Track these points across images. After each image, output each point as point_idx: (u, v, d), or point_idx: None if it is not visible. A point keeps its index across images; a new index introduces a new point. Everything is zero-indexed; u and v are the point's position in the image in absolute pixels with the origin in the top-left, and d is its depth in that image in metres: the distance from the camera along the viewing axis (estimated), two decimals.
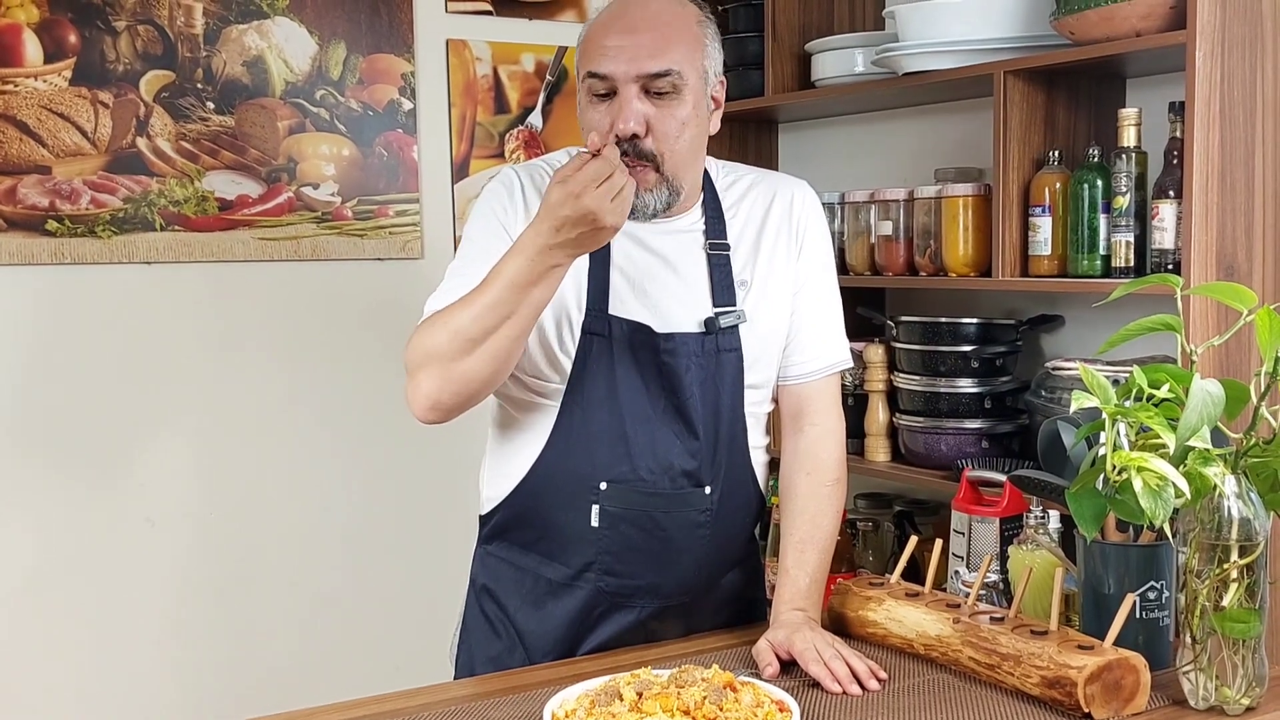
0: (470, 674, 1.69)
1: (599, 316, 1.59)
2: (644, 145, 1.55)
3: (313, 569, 2.74)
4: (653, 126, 1.55)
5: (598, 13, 1.61)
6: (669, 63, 1.53)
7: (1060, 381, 2.17)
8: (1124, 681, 1.36)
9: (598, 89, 1.55)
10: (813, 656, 1.48)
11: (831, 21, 2.80)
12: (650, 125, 1.54)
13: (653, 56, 1.53)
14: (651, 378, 1.61)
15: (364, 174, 2.72)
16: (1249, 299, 1.36)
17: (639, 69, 1.52)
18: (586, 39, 1.58)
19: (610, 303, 1.60)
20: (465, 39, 2.81)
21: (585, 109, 1.58)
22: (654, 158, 1.56)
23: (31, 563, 2.48)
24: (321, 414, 2.73)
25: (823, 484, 1.68)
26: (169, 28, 2.52)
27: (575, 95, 1.65)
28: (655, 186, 1.57)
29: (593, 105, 1.56)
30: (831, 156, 2.96)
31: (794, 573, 1.63)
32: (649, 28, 1.54)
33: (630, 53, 1.52)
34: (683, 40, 1.55)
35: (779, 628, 1.56)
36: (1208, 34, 1.91)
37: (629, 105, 1.53)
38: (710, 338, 1.61)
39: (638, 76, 1.53)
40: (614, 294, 1.60)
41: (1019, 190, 2.25)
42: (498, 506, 1.70)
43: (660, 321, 1.61)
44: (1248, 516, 1.35)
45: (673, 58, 1.54)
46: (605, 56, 1.53)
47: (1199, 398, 1.30)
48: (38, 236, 2.43)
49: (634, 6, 1.57)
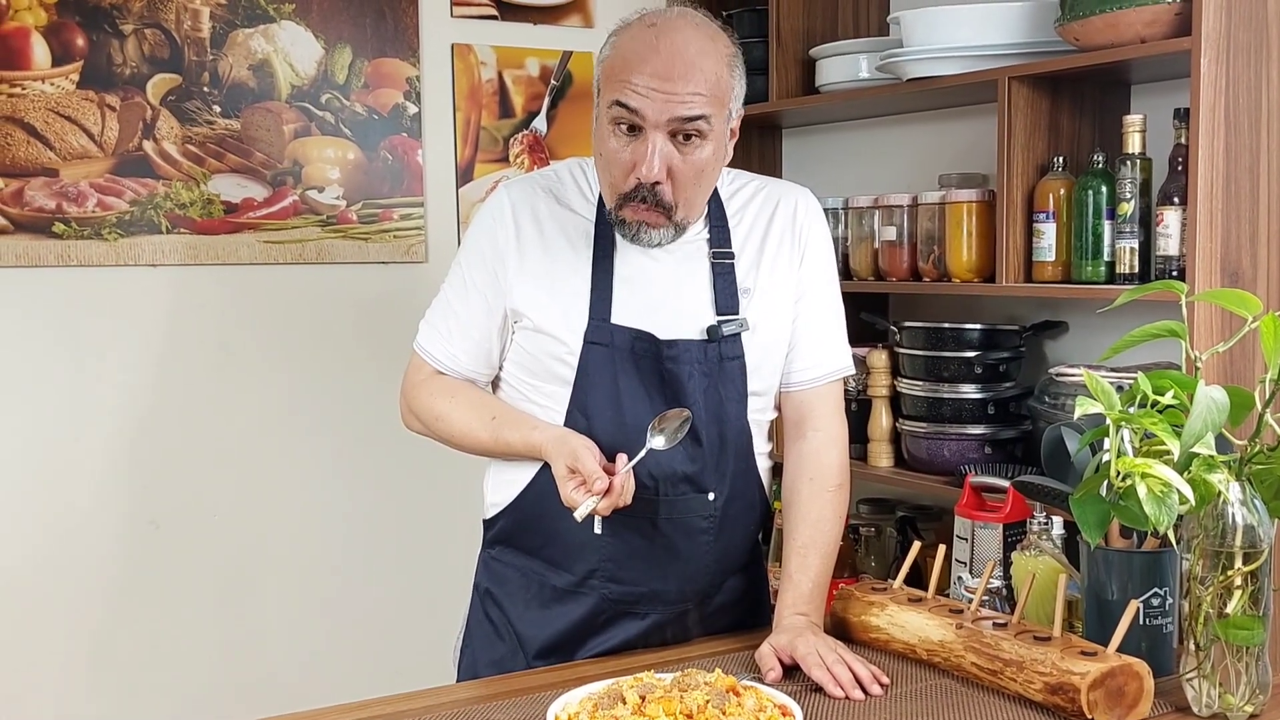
0: (473, 677, 1.69)
1: (602, 325, 1.60)
2: (662, 194, 1.54)
3: (316, 571, 2.74)
4: (673, 172, 1.53)
5: (624, 26, 1.56)
6: (700, 109, 1.51)
7: (1063, 387, 2.17)
8: (1127, 688, 1.36)
9: (621, 119, 1.52)
10: (815, 661, 1.48)
11: (836, 27, 2.80)
12: (671, 171, 1.53)
13: (686, 104, 1.50)
14: (654, 385, 1.61)
15: (369, 178, 2.72)
16: (1254, 305, 1.36)
17: (670, 114, 1.50)
18: (617, 65, 1.52)
19: (613, 311, 1.60)
20: (470, 43, 2.82)
21: (605, 135, 1.56)
22: (669, 207, 1.55)
23: (34, 563, 2.48)
24: (326, 416, 2.73)
25: (825, 489, 1.68)
26: (175, 31, 2.53)
27: (580, 101, 1.65)
28: (663, 227, 1.57)
29: (614, 134, 1.54)
30: (835, 162, 2.96)
31: (796, 577, 1.63)
32: (685, 73, 1.49)
33: (664, 98, 1.49)
34: (714, 84, 1.52)
35: (781, 632, 1.56)
36: (1213, 40, 1.91)
37: (655, 153, 1.51)
38: (713, 346, 1.62)
39: (669, 121, 1.50)
40: (617, 302, 1.61)
41: (1023, 196, 2.25)
42: (501, 512, 1.71)
43: (663, 329, 1.61)
44: (1252, 523, 1.35)
45: (704, 104, 1.51)
46: (637, 94, 1.49)
47: (1203, 404, 1.30)
48: (44, 239, 2.44)
49: (671, 41, 1.51)
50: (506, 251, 1.63)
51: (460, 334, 1.68)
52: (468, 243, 1.70)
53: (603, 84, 1.56)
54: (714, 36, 1.55)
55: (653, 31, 1.52)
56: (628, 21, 1.57)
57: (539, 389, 1.65)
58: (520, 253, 1.63)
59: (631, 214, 1.56)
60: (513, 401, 1.68)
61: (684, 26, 1.53)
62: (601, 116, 1.56)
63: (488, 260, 1.65)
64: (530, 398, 1.66)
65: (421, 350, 1.71)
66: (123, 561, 2.56)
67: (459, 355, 1.68)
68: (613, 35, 1.57)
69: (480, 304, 1.66)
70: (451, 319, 1.68)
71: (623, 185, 1.55)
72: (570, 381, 1.61)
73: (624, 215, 1.57)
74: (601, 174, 1.61)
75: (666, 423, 1.54)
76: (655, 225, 1.57)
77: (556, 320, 1.61)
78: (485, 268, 1.65)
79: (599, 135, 1.58)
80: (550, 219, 1.65)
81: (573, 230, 1.64)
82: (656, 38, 1.51)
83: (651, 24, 1.53)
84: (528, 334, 1.64)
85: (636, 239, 1.58)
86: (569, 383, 1.62)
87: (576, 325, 1.60)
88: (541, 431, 1.59)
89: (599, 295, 1.61)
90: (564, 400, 1.62)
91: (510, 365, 1.68)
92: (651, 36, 1.52)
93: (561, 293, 1.62)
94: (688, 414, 1.55)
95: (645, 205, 1.54)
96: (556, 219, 1.65)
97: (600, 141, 1.58)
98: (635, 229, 1.57)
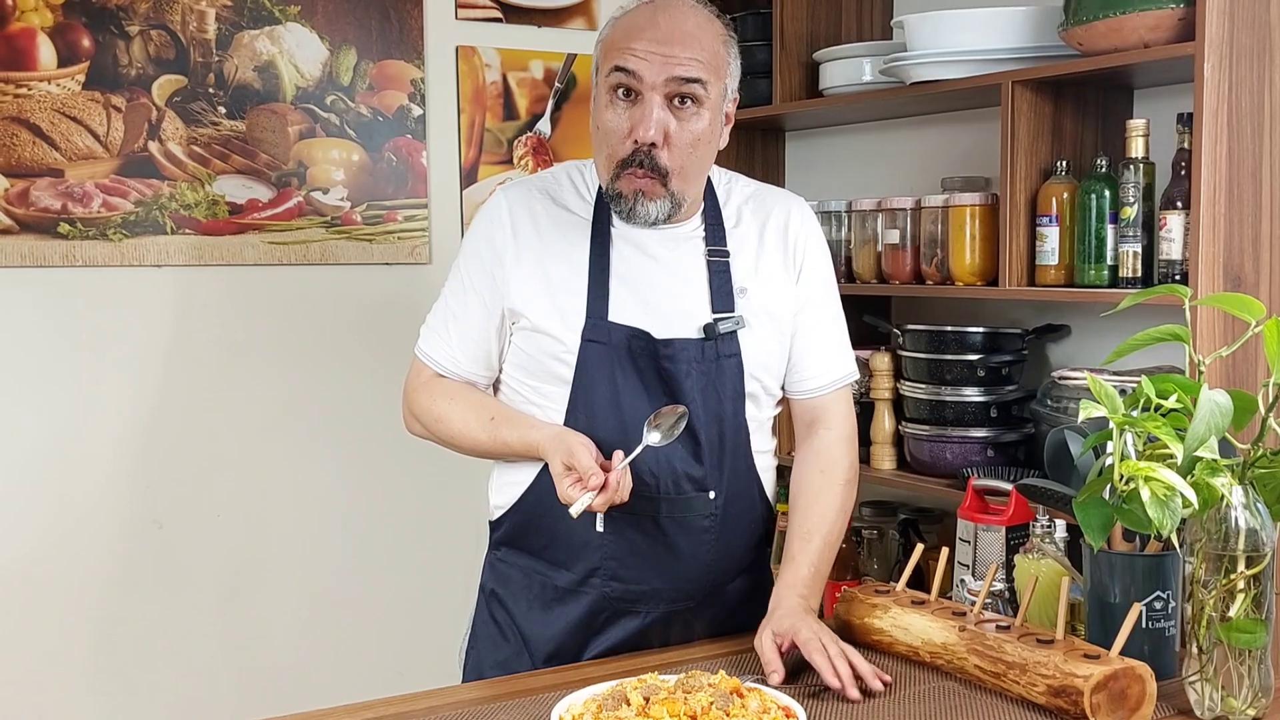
0: (478, 678, 1.69)
1: (599, 324, 1.60)
2: (659, 158, 1.56)
3: (320, 571, 2.74)
4: (670, 138, 1.56)
5: (623, 11, 1.62)
6: (698, 72, 1.56)
7: (1066, 391, 2.17)
8: (1130, 691, 1.36)
9: (621, 84, 1.56)
10: (817, 647, 1.48)
11: (839, 31, 2.81)
12: (668, 136, 1.56)
13: (684, 66, 1.55)
14: (652, 383, 1.62)
15: (373, 179, 2.73)
16: (1257, 310, 1.36)
17: (668, 74, 1.54)
18: (613, 37, 1.59)
19: (610, 309, 1.61)
20: (475, 45, 2.82)
21: (602, 107, 1.59)
22: (665, 173, 1.57)
23: (38, 561, 2.49)
24: (330, 417, 2.74)
25: (835, 482, 1.70)
26: (181, 33, 2.53)
27: (584, 103, 1.67)
28: (659, 198, 1.59)
29: (611, 104, 1.58)
30: (838, 165, 2.96)
31: (799, 559, 1.64)
32: (681, 39, 1.55)
33: (662, 59, 1.54)
34: (712, 54, 1.58)
35: (782, 616, 1.55)
36: (1216, 45, 1.91)
37: (652, 113, 1.55)
38: (710, 344, 1.62)
39: (666, 81, 1.55)
40: (614, 300, 1.62)
41: (1026, 200, 2.25)
42: (505, 514, 1.72)
43: (660, 327, 1.62)
44: (1255, 527, 1.35)
45: (701, 69, 1.56)
46: (636, 56, 1.55)
47: (1207, 408, 1.30)
48: (49, 239, 2.44)
49: (666, 14, 1.57)
50: (504, 252, 1.64)
51: (460, 336, 1.69)
52: (466, 246, 1.71)
53: (601, 59, 1.60)
54: (711, 18, 1.61)
55: (651, 8, 1.59)
56: (625, 5, 1.63)
57: (538, 389, 1.66)
58: (517, 253, 1.64)
59: (628, 184, 1.58)
60: (513, 403, 1.69)
61: (682, 5, 1.60)
62: (600, 89, 1.60)
63: (485, 262, 1.66)
64: (530, 399, 1.67)
65: (422, 354, 1.73)
66: (127, 561, 2.56)
67: (459, 357, 1.69)
68: (611, 18, 1.63)
69: (479, 306, 1.67)
70: (451, 322, 1.69)
71: (620, 151, 1.57)
72: (569, 381, 1.62)
73: (620, 187, 1.59)
74: (599, 148, 1.62)
75: (662, 419, 1.55)
76: (651, 196, 1.58)
77: (554, 319, 1.62)
78: (483, 269, 1.66)
79: (597, 110, 1.62)
80: (547, 219, 1.66)
81: (569, 229, 1.65)
82: (655, 12, 1.58)
83: (649, 2, 1.60)
84: (526, 334, 1.65)
85: (634, 214, 1.59)
86: (568, 382, 1.62)
87: (574, 324, 1.61)
88: (539, 430, 1.61)
89: (596, 293, 1.61)
90: (563, 400, 1.63)
91: (509, 367, 1.69)
92: (650, 11, 1.58)
93: (558, 292, 1.62)
94: (683, 410, 1.56)
95: (642, 170, 1.56)
96: (553, 219, 1.66)
97: (598, 115, 1.61)
98: (632, 202, 1.59)
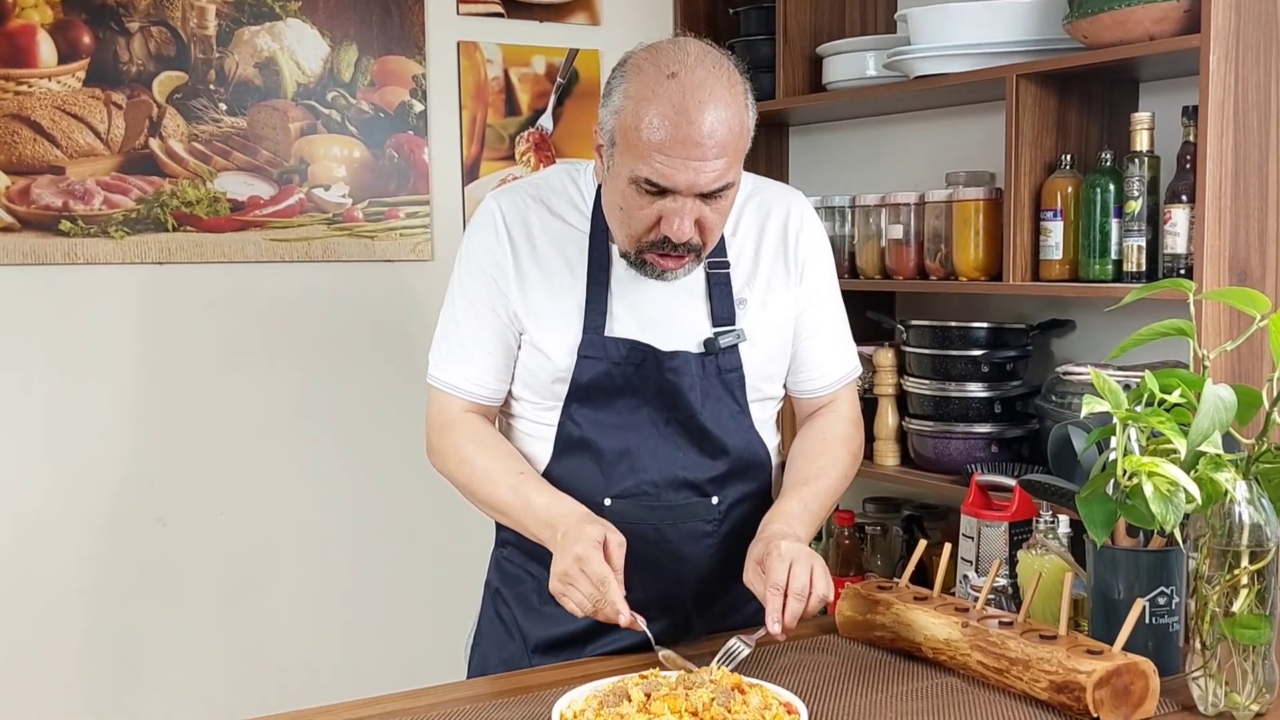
0: (483, 675, 1.69)
1: (597, 339, 1.59)
2: (693, 244, 1.52)
3: (325, 569, 2.74)
4: (702, 225, 1.51)
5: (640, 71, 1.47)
6: (729, 177, 1.48)
7: (1070, 386, 2.16)
8: (1133, 687, 1.36)
9: (648, 190, 1.48)
10: (778, 578, 1.45)
11: (843, 25, 2.80)
12: (699, 223, 1.50)
13: (717, 178, 1.46)
14: (653, 395, 1.61)
15: (375, 176, 2.73)
16: (1262, 304, 1.36)
17: (700, 187, 1.46)
18: (642, 131, 1.44)
19: (609, 324, 1.60)
20: (476, 41, 2.82)
21: (624, 192, 1.50)
22: (698, 251, 1.54)
23: (41, 560, 2.49)
24: (332, 414, 2.73)
25: (836, 443, 1.69)
26: (182, 29, 2.53)
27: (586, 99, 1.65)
28: (689, 264, 1.56)
29: (638, 195, 1.49)
30: (842, 160, 2.95)
31: (787, 496, 1.61)
32: (713, 145, 1.44)
33: (694, 171, 1.45)
34: (738, 143, 1.48)
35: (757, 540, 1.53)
36: (1222, 38, 1.90)
37: (686, 219, 1.48)
38: (710, 359, 1.61)
39: (698, 192, 1.47)
40: (612, 316, 1.60)
41: (1030, 194, 2.24)
42: None
43: (659, 343, 1.60)
44: (1259, 522, 1.34)
45: (732, 169, 1.48)
46: (666, 168, 1.44)
47: (1211, 403, 1.30)
48: (51, 236, 2.44)
49: (695, 103, 1.43)
50: (503, 261, 1.62)
51: (479, 349, 1.63)
52: (463, 259, 1.66)
53: (620, 143, 1.48)
54: (731, 82, 1.48)
55: (675, 86, 1.43)
56: (641, 67, 1.47)
57: (540, 405, 1.64)
58: (516, 264, 1.61)
59: (655, 259, 1.54)
60: (520, 422, 1.67)
61: (707, 83, 1.44)
62: (618, 175, 1.50)
63: (486, 271, 1.62)
64: (531, 407, 1.65)
65: (442, 384, 1.66)
66: (130, 559, 2.56)
67: (485, 377, 1.63)
68: (625, 80, 1.48)
69: (489, 314, 1.63)
70: (468, 339, 1.63)
71: (647, 237, 1.52)
72: (567, 395, 1.61)
73: (646, 259, 1.54)
74: (618, 223, 1.56)
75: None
76: (680, 266, 1.55)
77: (552, 336, 1.60)
78: (485, 278, 1.62)
79: (614, 189, 1.52)
80: (542, 231, 1.62)
81: (566, 243, 1.62)
82: (682, 100, 1.43)
83: (672, 74, 1.44)
84: (526, 349, 1.63)
85: (661, 278, 1.56)
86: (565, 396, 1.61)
87: (572, 341, 1.59)
88: (568, 502, 1.55)
89: (595, 309, 1.59)
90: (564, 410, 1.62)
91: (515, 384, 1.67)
92: (676, 98, 1.43)
93: (556, 308, 1.60)
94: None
95: (675, 254, 1.52)
96: (549, 231, 1.63)
97: (616, 194, 1.52)
98: (659, 271, 1.55)
